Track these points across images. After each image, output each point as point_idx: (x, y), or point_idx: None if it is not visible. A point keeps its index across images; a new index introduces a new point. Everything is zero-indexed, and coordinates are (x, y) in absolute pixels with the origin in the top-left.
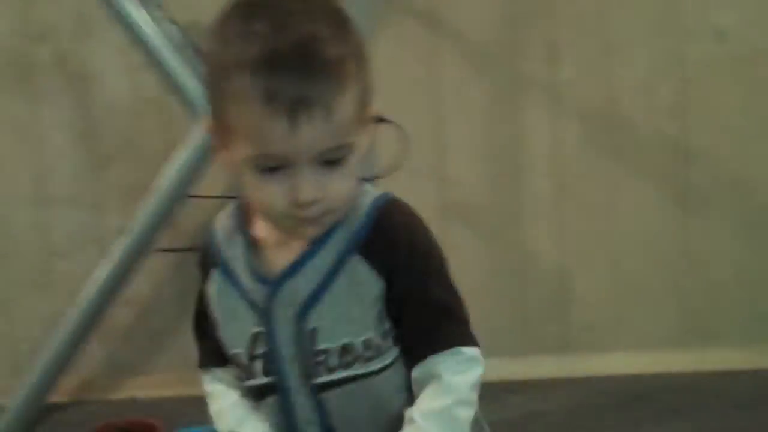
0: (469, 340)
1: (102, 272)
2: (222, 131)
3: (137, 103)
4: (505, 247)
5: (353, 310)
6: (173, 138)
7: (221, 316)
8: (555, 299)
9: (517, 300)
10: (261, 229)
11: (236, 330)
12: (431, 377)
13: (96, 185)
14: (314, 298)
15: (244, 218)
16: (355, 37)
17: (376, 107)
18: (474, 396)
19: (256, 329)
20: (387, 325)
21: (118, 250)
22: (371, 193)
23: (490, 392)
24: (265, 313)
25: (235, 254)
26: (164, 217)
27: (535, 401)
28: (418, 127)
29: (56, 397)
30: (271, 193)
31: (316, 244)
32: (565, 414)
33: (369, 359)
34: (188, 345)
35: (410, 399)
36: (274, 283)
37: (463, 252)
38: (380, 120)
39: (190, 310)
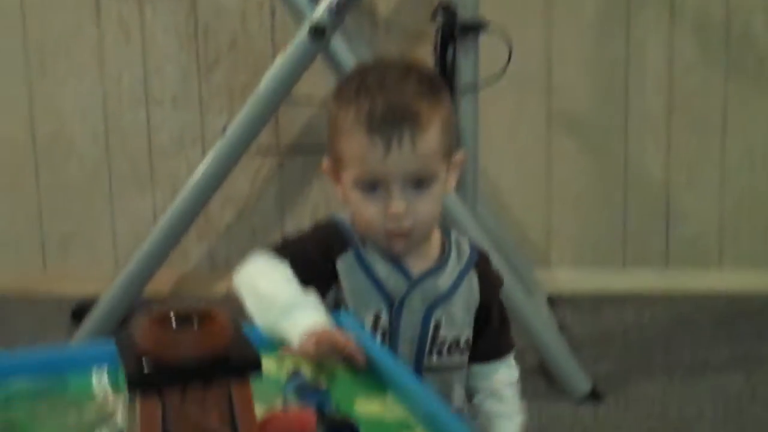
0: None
1: (202, 170)
2: (336, 164)
3: (244, 6)
4: (611, 159)
5: (465, 313)
6: (278, 41)
7: (346, 295)
8: (659, 212)
9: (620, 212)
10: None
11: (358, 309)
12: (493, 374)
13: (201, 86)
14: (445, 296)
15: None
16: (441, 98)
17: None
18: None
19: (379, 312)
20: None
21: (218, 148)
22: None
23: (586, 303)
24: (400, 301)
25: (370, 248)
26: (264, 119)
27: (631, 314)
28: (526, 37)
29: (155, 291)
30: (370, 209)
31: (443, 259)
32: (662, 329)
33: (462, 353)
34: None
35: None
36: (418, 279)
37: (567, 162)
38: (486, 27)
39: (289, 210)
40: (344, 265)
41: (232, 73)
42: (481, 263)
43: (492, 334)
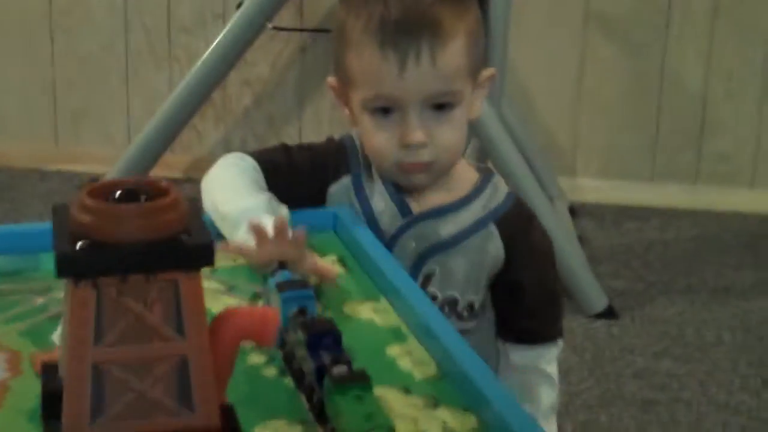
0: (562, 332)
1: (215, 46)
2: (344, 83)
3: None
4: (647, 66)
5: (472, 271)
6: None
7: None
8: (693, 125)
9: (653, 122)
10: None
11: None
12: (534, 365)
13: None
14: (445, 245)
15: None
16: (468, 4)
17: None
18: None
19: None
20: (485, 295)
21: (233, 24)
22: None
23: (609, 215)
24: (390, 239)
25: (371, 177)
26: None
27: (655, 230)
28: None
29: (169, 173)
30: (383, 137)
31: (461, 201)
32: (686, 246)
33: (461, 319)
34: (305, 133)
35: None
36: (416, 217)
37: (601, 66)
38: None
39: (309, 97)
40: (337, 191)
41: None
42: (510, 221)
43: (524, 314)
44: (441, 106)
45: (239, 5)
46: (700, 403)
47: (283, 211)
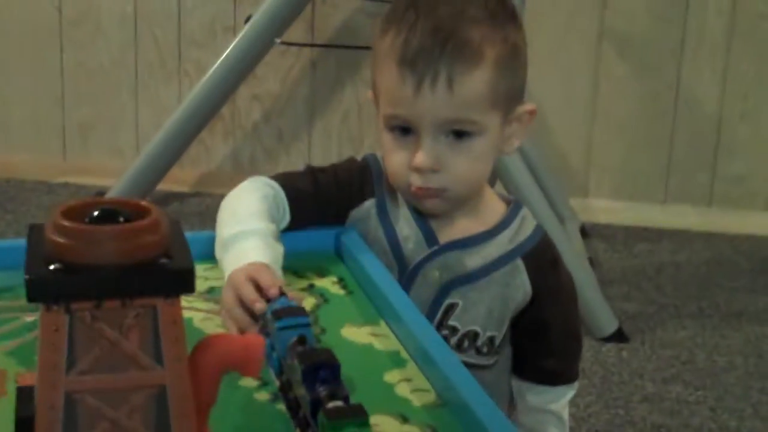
0: (578, 375)
1: (224, 60)
2: (375, 98)
3: None
4: (662, 85)
5: (495, 306)
6: None
7: None
8: (707, 147)
9: (667, 142)
10: None
11: None
12: (548, 407)
13: None
14: (470, 277)
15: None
16: (505, 29)
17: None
18: None
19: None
20: (507, 331)
21: (241, 38)
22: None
23: (620, 235)
24: (414, 267)
25: (396, 201)
26: (292, 10)
27: (667, 252)
28: None
29: (176, 188)
30: (398, 157)
31: (488, 233)
32: (698, 269)
33: (481, 354)
34: (314, 147)
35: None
36: (442, 247)
37: (615, 85)
38: None
39: (319, 112)
40: (358, 215)
41: None
42: (538, 256)
43: (547, 354)
44: (460, 133)
45: (248, 19)
46: (710, 430)
47: (279, 248)
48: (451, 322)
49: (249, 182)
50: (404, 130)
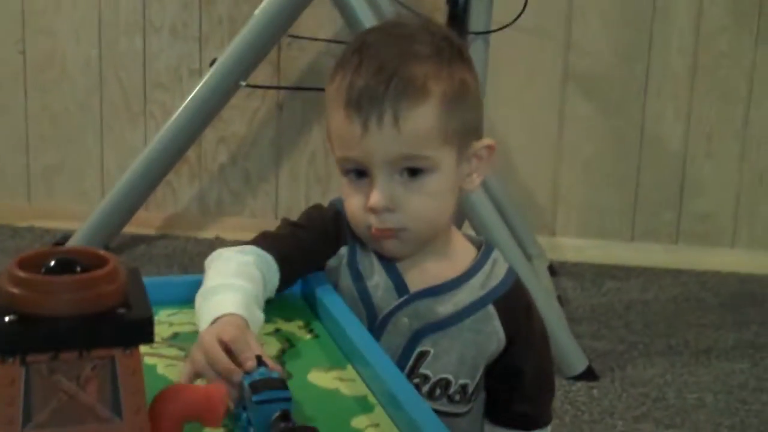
0: (551, 417)
1: (188, 103)
2: (330, 142)
3: None
4: (627, 124)
5: (468, 353)
6: None
7: None
8: (672, 184)
9: (632, 181)
10: None
11: None
12: None
13: (202, 16)
14: (441, 324)
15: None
16: (452, 66)
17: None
18: None
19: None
20: (481, 378)
21: (206, 81)
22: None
23: (589, 274)
24: (384, 317)
25: (366, 248)
26: (257, 53)
27: (636, 290)
28: None
29: (142, 230)
30: (355, 201)
31: (459, 279)
32: (667, 306)
33: (453, 402)
34: (282, 190)
35: None
36: (413, 296)
37: (580, 124)
38: None
39: (286, 155)
40: (333, 263)
41: (235, 2)
42: (510, 302)
43: (521, 399)
44: (414, 171)
45: (213, 62)
46: None
47: (259, 315)
48: (423, 370)
49: (244, 248)
50: (359, 173)
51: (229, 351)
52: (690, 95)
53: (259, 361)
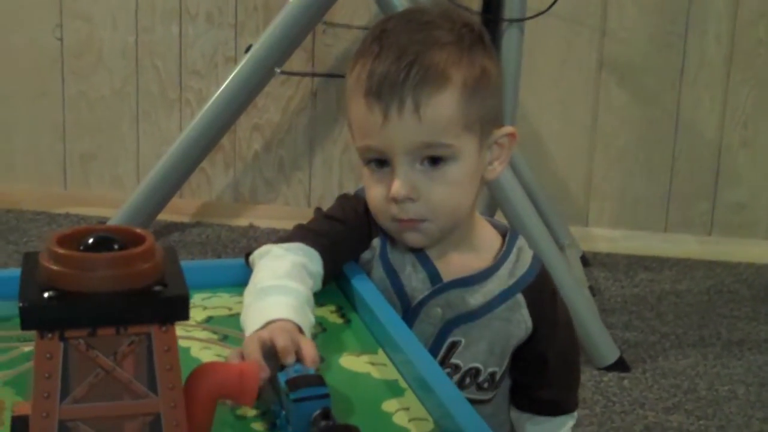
0: (578, 404)
1: (223, 90)
2: (351, 133)
3: None
4: (662, 113)
5: (497, 342)
6: None
7: None
8: (707, 174)
9: (667, 171)
10: None
11: None
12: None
13: (238, 3)
14: (473, 315)
15: None
16: (473, 54)
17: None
18: None
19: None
20: (507, 365)
21: (241, 68)
22: (526, 246)
23: (621, 264)
24: (417, 305)
25: (396, 240)
26: (291, 40)
27: (669, 280)
28: None
29: (177, 217)
30: (377, 191)
31: (489, 270)
32: (700, 298)
33: (481, 389)
34: (315, 179)
35: None
36: (445, 285)
37: (615, 113)
38: None
39: (319, 143)
40: (367, 255)
41: None
42: (537, 290)
43: (546, 385)
44: (435, 160)
45: (248, 49)
46: None
47: (310, 317)
48: (454, 360)
49: (287, 246)
50: (380, 162)
51: (274, 355)
52: (726, 83)
53: (297, 358)
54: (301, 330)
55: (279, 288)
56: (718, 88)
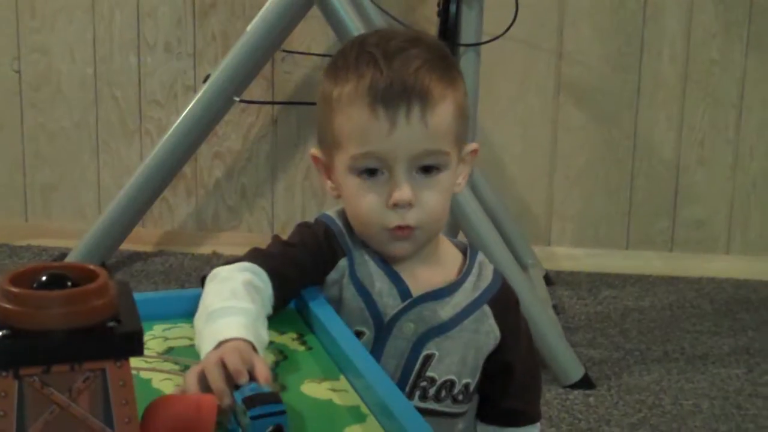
0: (541, 414)
1: (182, 120)
2: (329, 150)
3: None
4: (620, 134)
5: (469, 353)
6: None
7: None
8: (666, 192)
9: (627, 190)
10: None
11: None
12: None
13: (196, 33)
14: (444, 327)
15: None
16: (455, 77)
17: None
18: None
19: (361, 330)
20: (480, 377)
21: (200, 97)
22: (486, 260)
23: (584, 283)
24: (389, 321)
25: (364, 256)
26: (250, 68)
27: (631, 297)
28: None
29: (139, 247)
30: (370, 199)
31: (456, 283)
32: (662, 314)
33: (456, 402)
34: (278, 205)
35: None
36: (416, 299)
37: (573, 134)
38: None
39: (281, 169)
40: (333, 277)
41: (228, 19)
42: (502, 301)
43: (511, 395)
44: (428, 169)
45: (206, 78)
46: None
47: (264, 335)
48: (429, 373)
49: (233, 267)
50: (371, 170)
51: (229, 377)
52: (682, 103)
53: (251, 377)
54: (254, 348)
55: (228, 309)
56: (674, 108)
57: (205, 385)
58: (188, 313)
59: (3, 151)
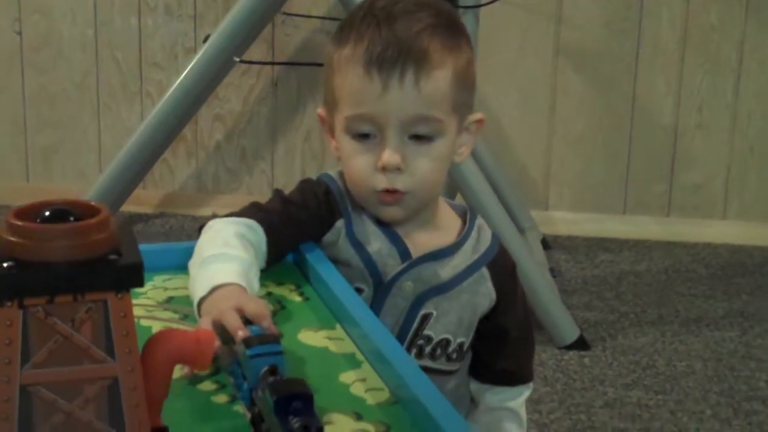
0: (533, 375)
1: (182, 80)
2: (330, 108)
3: None
4: (618, 98)
5: (465, 314)
6: None
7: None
8: (663, 157)
9: (624, 155)
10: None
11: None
12: (506, 405)
13: None
14: (443, 287)
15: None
16: (460, 43)
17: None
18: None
19: (360, 287)
20: (473, 337)
21: (199, 58)
22: (485, 224)
23: (581, 247)
24: (389, 281)
25: (362, 217)
26: (250, 30)
27: (628, 261)
28: None
29: (140, 208)
30: (361, 161)
31: (455, 245)
32: (658, 278)
33: (450, 360)
34: (278, 168)
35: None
36: (416, 260)
37: (571, 98)
38: None
39: (281, 131)
40: (331, 237)
41: None
42: (499, 264)
43: (505, 357)
44: (421, 137)
45: (206, 39)
46: None
47: (256, 285)
48: (426, 332)
49: (229, 220)
50: (364, 134)
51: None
52: (680, 68)
53: (249, 320)
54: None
55: (221, 256)
56: (672, 73)
57: (219, 332)
58: (187, 264)
59: (4, 113)
